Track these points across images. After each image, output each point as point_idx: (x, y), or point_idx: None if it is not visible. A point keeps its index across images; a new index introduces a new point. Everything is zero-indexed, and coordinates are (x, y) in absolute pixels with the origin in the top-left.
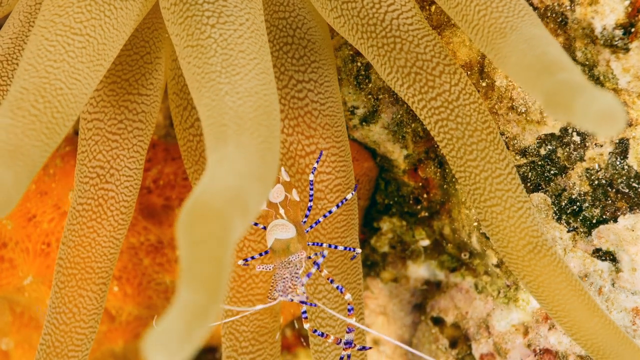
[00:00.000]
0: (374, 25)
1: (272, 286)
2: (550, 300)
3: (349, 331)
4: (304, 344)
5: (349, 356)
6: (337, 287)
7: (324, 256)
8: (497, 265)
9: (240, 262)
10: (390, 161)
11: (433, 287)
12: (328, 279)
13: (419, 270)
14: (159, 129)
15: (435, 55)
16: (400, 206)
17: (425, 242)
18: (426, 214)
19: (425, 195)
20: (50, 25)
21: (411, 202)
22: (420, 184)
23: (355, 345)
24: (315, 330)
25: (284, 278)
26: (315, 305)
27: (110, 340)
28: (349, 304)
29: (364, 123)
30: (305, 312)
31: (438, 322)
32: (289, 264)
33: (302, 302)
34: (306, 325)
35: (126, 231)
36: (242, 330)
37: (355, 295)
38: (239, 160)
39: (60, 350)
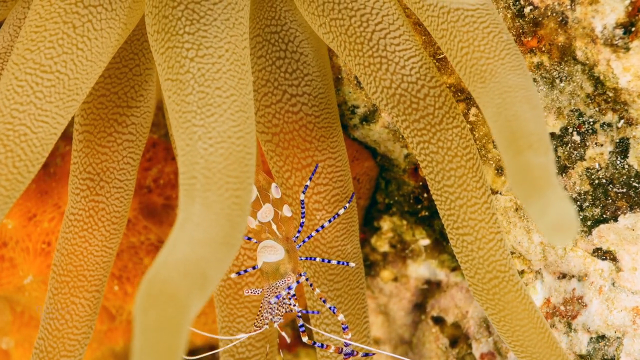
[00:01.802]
0: (361, 44)
1: (259, 312)
2: (511, 334)
3: (346, 345)
4: (304, 344)
5: None
6: (330, 308)
7: (299, 282)
8: None
9: (233, 275)
10: (391, 160)
11: (433, 287)
12: (321, 298)
13: (419, 270)
14: (159, 128)
15: (421, 77)
16: (400, 205)
17: (426, 242)
18: (426, 213)
19: (425, 195)
20: (21, 62)
21: (411, 201)
22: (421, 183)
23: (357, 353)
24: (315, 342)
25: (271, 305)
26: (318, 312)
27: (110, 340)
28: (342, 323)
29: (364, 122)
30: (302, 325)
31: (438, 321)
32: (277, 289)
33: (299, 316)
34: (304, 339)
35: (120, 240)
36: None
37: (359, 301)
38: (202, 225)
39: (52, 355)
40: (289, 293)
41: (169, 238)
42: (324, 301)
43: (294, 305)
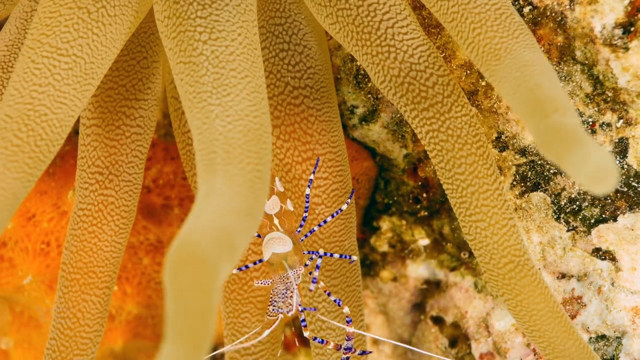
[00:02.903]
0: (368, 33)
1: (270, 302)
2: (527, 319)
3: (348, 339)
4: (304, 343)
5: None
6: (335, 301)
7: (318, 267)
8: None
9: (235, 270)
10: (390, 160)
11: (433, 287)
12: (325, 291)
13: (419, 270)
14: (158, 128)
15: (429, 65)
16: (399, 205)
17: (425, 242)
18: (426, 213)
19: (424, 195)
20: (37, 46)
21: (411, 201)
22: (420, 183)
23: (355, 350)
24: (315, 338)
25: (283, 294)
26: (315, 309)
27: (109, 340)
28: (347, 316)
29: (363, 122)
30: (304, 320)
31: (438, 321)
32: (287, 279)
33: (301, 311)
34: (306, 333)
35: (128, 235)
36: (244, 331)
37: (355, 298)
38: (226, 195)
39: (65, 354)
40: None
41: (193, 208)
42: (329, 294)
43: (297, 297)
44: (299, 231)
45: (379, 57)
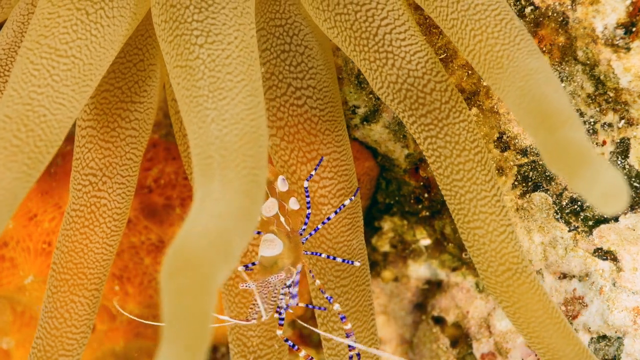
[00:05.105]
0: (366, 39)
1: (251, 306)
2: (526, 326)
3: (348, 335)
4: (304, 343)
5: (358, 355)
6: (327, 298)
7: (297, 283)
8: None
9: (241, 267)
10: (391, 160)
11: (434, 287)
12: (319, 289)
13: (420, 270)
14: (159, 128)
15: (427, 72)
16: (401, 205)
17: (426, 242)
18: (427, 213)
19: (426, 195)
20: (36, 47)
21: (412, 201)
22: (421, 183)
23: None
24: (287, 340)
25: (263, 299)
26: (326, 309)
27: (110, 340)
28: (339, 313)
29: (365, 122)
30: (282, 319)
31: (439, 321)
32: (269, 284)
33: (281, 320)
34: (279, 332)
35: (120, 238)
36: (249, 335)
37: (365, 297)
38: (222, 199)
39: (51, 354)
40: (285, 285)
41: (189, 212)
42: (323, 292)
43: (294, 297)
44: (304, 229)
45: (376, 64)
